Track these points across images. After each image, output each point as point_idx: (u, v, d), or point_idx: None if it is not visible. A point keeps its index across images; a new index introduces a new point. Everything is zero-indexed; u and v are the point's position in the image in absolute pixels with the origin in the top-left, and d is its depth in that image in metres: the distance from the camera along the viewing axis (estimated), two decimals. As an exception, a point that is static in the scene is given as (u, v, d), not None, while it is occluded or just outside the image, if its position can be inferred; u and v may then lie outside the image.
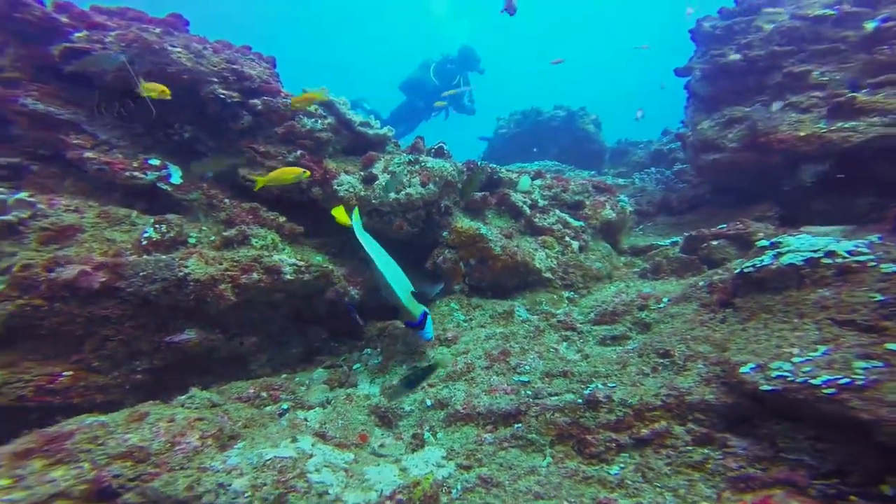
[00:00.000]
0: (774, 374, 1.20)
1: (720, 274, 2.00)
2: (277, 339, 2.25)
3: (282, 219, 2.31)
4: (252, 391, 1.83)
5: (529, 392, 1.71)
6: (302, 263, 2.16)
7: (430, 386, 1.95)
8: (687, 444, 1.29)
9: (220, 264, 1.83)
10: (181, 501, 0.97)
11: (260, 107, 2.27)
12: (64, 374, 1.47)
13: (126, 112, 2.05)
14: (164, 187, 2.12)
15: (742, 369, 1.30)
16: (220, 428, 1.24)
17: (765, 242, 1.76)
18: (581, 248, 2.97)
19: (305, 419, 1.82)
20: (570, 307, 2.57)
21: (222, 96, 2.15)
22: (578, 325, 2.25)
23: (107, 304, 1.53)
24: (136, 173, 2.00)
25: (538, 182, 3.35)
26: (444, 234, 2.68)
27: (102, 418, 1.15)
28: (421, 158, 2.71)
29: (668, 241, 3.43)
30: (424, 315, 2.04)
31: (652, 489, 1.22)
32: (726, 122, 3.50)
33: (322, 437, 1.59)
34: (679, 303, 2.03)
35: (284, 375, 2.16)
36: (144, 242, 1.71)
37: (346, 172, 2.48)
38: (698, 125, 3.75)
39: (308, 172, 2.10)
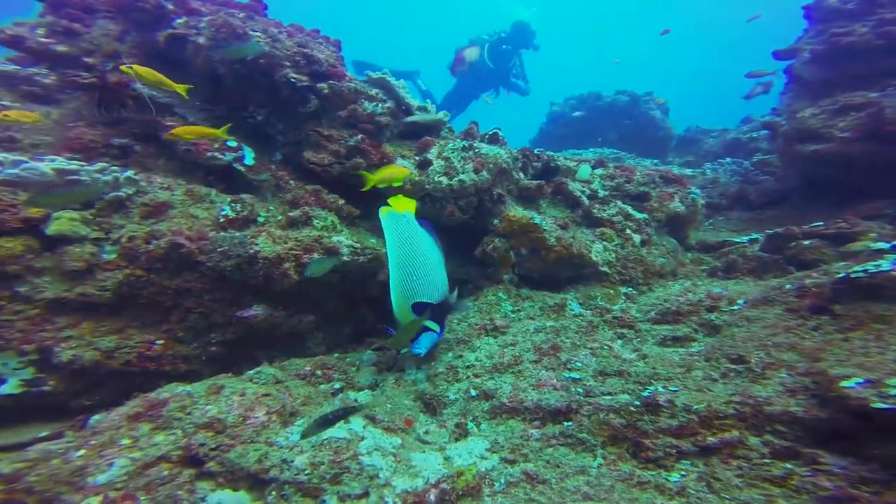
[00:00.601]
0: (894, 391, 1.09)
1: (814, 277, 1.79)
2: (331, 319, 2.40)
3: (341, 201, 2.41)
4: (308, 369, 1.98)
5: (580, 390, 1.67)
6: (358, 245, 2.26)
7: (476, 376, 1.98)
8: (764, 457, 1.19)
9: (286, 243, 1.97)
10: (252, 473, 1.09)
11: (326, 90, 2.35)
12: (157, 342, 1.69)
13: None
14: (239, 168, 2.30)
15: (845, 383, 1.17)
16: (282, 405, 1.36)
17: (883, 245, 1.55)
18: (643, 242, 2.80)
19: (356, 399, 1.94)
20: (627, 304, 2.45)
21: (293, 80, 2.25)
22: (637, 323, 2.15)
23: (190, 277, 1.73)
24: (216, 154, 2.19)
25: (599, 171, 3.18)
26: (495, 221, 2.65)
27: (188, 388, 1.32)
28: (475, 144, 2.68)
29: (745, 237, 3.13)
30: (420, 331, 1.83)
31: (719, 500, 1.14)
32: (839, 108, 3.04)
33: (372, 419, 1.69)
34: (758, 306, 1.86)
35: (336, 355, 2.30)
36: (222, 220, 1.88)
37: (403, 157, 2.52)
38: (798, 113, 3.30)
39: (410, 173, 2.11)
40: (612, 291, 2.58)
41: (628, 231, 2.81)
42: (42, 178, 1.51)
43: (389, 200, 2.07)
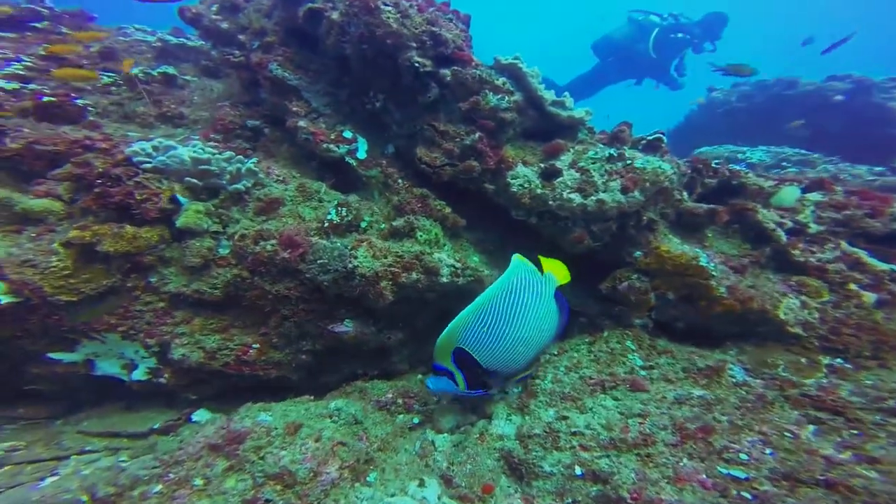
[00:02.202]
0: None
1: None
2: (420, 336, 2.29)
3: (447, 209, 2.20)
4: (390, 396, 1.89)
5: (749, 496, 1.24)
6: (459, 265, 2.05)
7: (583, 448, 1.64)
8: None
9: (385, 258, 1.86)
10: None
11: (449, 78, 2.10)
12: (253, 346, 1.76)
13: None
14: (351, 161, 2.25)
15: None
16: (357, 457, 1.28)
17: None
18: (881, 303, 2.01)
19: (434, 444, 1.79)
20: (833, 380, 1.80)
21: (417, 64, 2.05)
22: (852, 410, 1.58)
23: (290, 285, 1.75)
24: (331, 145, 2.16)
25: (815, 196, 2.33)
26: (637, 254, 2.14)
27: (268, 418, 1.32)
28: (626, 153, 2.14)
29: None
30: (446, 373, 1.62)
31: None
32: None
33: (448, 481, 1.52)
34: None
35: (420, 376, 2.21)
36: (326, 225, 1.85)
37: (525, 163, 2.15)
38: None
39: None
40: (803, 360, 1.92)
41: (853, 286, 2.05)
42: (182, 167, 1.65)
43: (542, 259, 1.80)
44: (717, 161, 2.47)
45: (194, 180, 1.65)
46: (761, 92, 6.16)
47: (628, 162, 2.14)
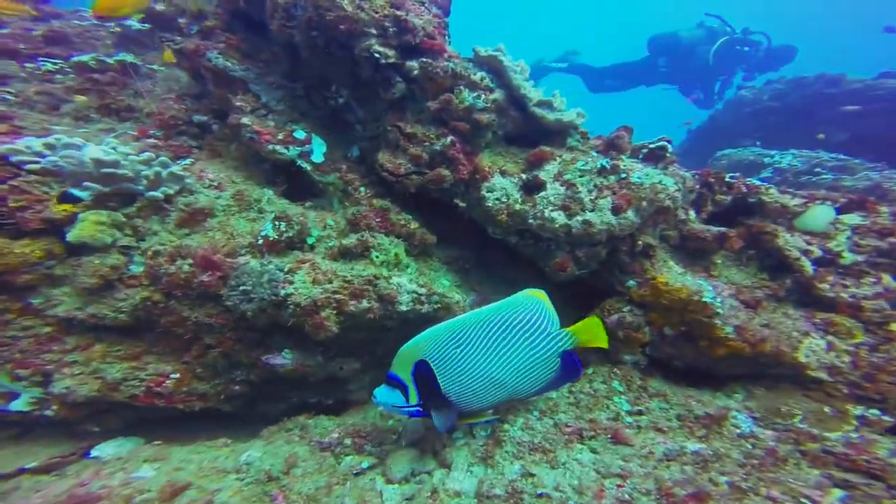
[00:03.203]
0: None
1: None
2: (382, 362, 2.08)
3: (413, 225, 1.96)
4: (336, 436, 1.65)
5: None
6: (423, 291, 1.81)
7: None
8: None
9: (329, 282, 1.63)
10: None
11: (416, 72, 1.85)
12: (172, 375, 1.53)
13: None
14: (304, 165, 2.02)
15: None
16: None
17: None
18: None
19: (382, 497, 1.59)
20: (865, 434, 1.57)
21: (377, 55, 1.82)
22: (891, 473, 1.35)
23: (212, 312, 1.52)
24: (278, 147, 1.92)
25: (853, 219, 2.07)
26: (631, 283, 1.90)
27: (149, 473, 1.10)
28: (622, 165, 1.88)
29: None
30: (397, 384, 1.46)
31: None
32: None
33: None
34: None
35: (381, 408, 1.99)
36: (260, 242, 1.61)
37: (503, 173, 1.90)
38: None
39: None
40: (826, 409, 1.69)
41: (894, 326, 1.81)
42: (79, 169, 1.43)
43: (587, 322, 1.56)
44: (733, 175, 2.21)
45: (96, 185, 1.43)
46: (797, 90, 5.84)
47: (623, 176, 1.89)
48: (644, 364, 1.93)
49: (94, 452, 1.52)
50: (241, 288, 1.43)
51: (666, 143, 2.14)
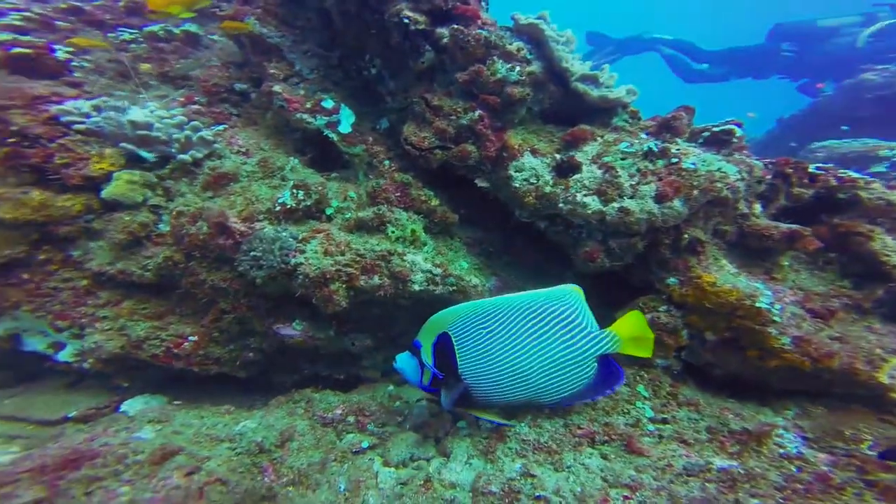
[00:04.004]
0: None
1: None
2: (397, 341, 2.08)
3: (434, 202, 1.91)
4: (340, 412, 1.67)
5: None
6: (438, 272, 1.77)
7: None
8: None
9: (342, 255, 1.64)
10: None
11: (446, 39, 1.77)
12: (190, 338, 1.61)
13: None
14: (331, 135, 2.04)
15: None
16: (237, 502, 1.10)
17: None
18: None
19: (376, 478, 1.59)
20: None
21: (406, 21, 1.76)
22: None
23: (226, 276, 1.59)
24: (305, 115, 1.94)
25: None
26: (672, 281, 1.72)
27: (148, 435, 1.18)
28: (673, 149, 1.69)
29: None
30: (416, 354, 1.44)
31: None
32: None
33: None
34: None
35: (391, 387, 2.00)
36: (278, 208, 1.66)
37: (534, 152, 1.78)
38: None
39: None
40: None
41: None
42: (118, 130, 1.55)
43: (628, 316, 1.47)
44: (818, 165, 1.92)
45: (130, 146, 1.54)
46: None
47: (673, 160, 1.69)
48: (677, 369, 1.76)
49: (123, 407, 1.67)
50: (252, 254, 1.48)
51: (734, 127, 1.89)
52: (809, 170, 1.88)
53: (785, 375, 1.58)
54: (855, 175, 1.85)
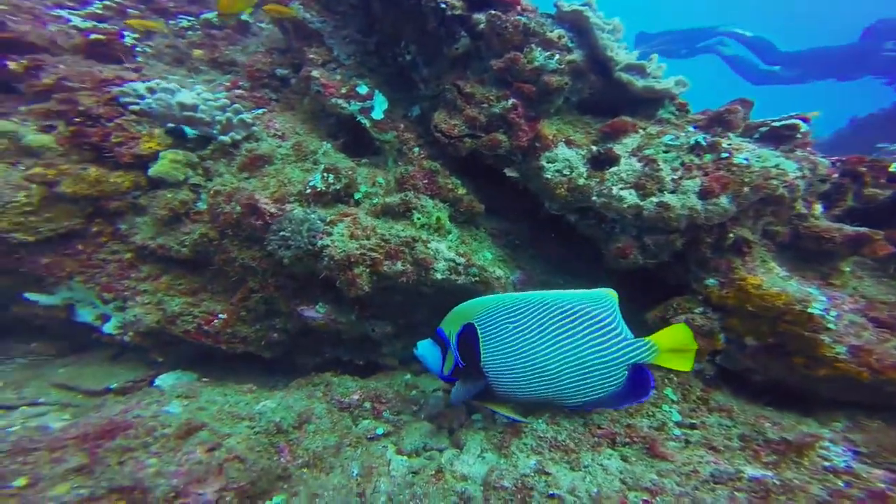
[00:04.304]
0: None
1: None
2: (417, 330, 2.10)
3: (461, 190, 1.89)
4: (357, 398, 1.71)
5: None
6: (461, 261, 1.76)
7: None
8: None
9: (367, 239, 1.67)
10: None
11: (483, 25, 1.74)
12: (220, 315, 1.69)
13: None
14: (364, 121, 2.06)
15: None
16: (256, 478, 1.14)
17: None
18: None
19: (388, 465, 1.60)
20: None
21: (443, 6, 1.75)
22: None
23: (256, 255, 1.65)
24: (340, 101, 1.98)
25: None
26: (710, 281, 1.62)
27: (176, 409, 1.25)
28: (724, 143, 1.58)
29: None
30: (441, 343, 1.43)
31: None
32: None
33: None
34: None
35: (409, 376, 2.02)
36: (308, 191, 1.70)
37: (569, 143, 1.72)
38: None
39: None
40: None
41: None
42: (167, 111, 1.64)
43: (671, 331, 1.40)
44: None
45: (179, 125, 1.63)
46: None
47: (723, 155, 1.58)
48: (710, 374, 1.67)
49: (157, 381, 1.79)
50: (282, 233, 1.53)
51: (798, 122, 1.74)
52: (891, 169, 1.71)
53: (837, 385, 1.46)
54: None
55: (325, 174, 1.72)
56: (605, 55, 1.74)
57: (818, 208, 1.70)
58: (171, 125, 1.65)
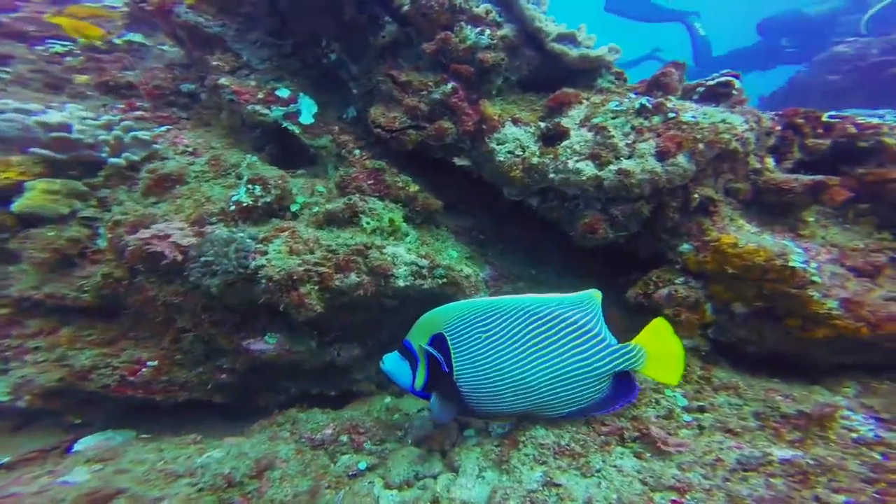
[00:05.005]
0: None
1: None
2: (389, 349, 1.92)
3: (413, 187, 1.76)
4: (330, 432, 1.51)
5: None
6: (424, 263, 1.61)
7: None
8: None
9: (311, 253, 1.48)
10: None
11: (407, 7, 1.64)
12: (149, 363, 1.44)
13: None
14: (291, 127, 1.88)
15: None
16: None
17: None
18: None
19: (379, 502, 1.43)
20: None
21: (360, -8, 1.64)
22: None
23: (179, 290, 1.41)
24: (258, 107, 1.78)
25: None
26: (685, 247, 1.59)
27: (82, 477, 0.99)
28: (668, 104, 1.58)
29: None
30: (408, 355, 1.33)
31: None
32: None
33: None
34: None
35: (388, 399, 1.83)
36: (233, 208, 1.49)
37: (516, 122, 1.65)
38: None
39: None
40: None
41: None
42: (24, 134, 1.36)
43: (653, 326, 1.30)
44: (832, 114, 1.83)
45: (45, 151, 1.37)
46: None
47: (671, 115, 1.57)
48: (706, 350, 1.62)
49: (77, 446, 1.47)
50: (203, 259, 1.31)
51: (731, 78, 1.79)
52: (823, 118, 1.78)
53: (835, 347, 1.42)
54: (876, 120, 1.75)
55: (250, 186, 1.52)
56: (535, 27, 1.70)
57: (770, 162, 1.74)
58: (42, 151, 1.37)
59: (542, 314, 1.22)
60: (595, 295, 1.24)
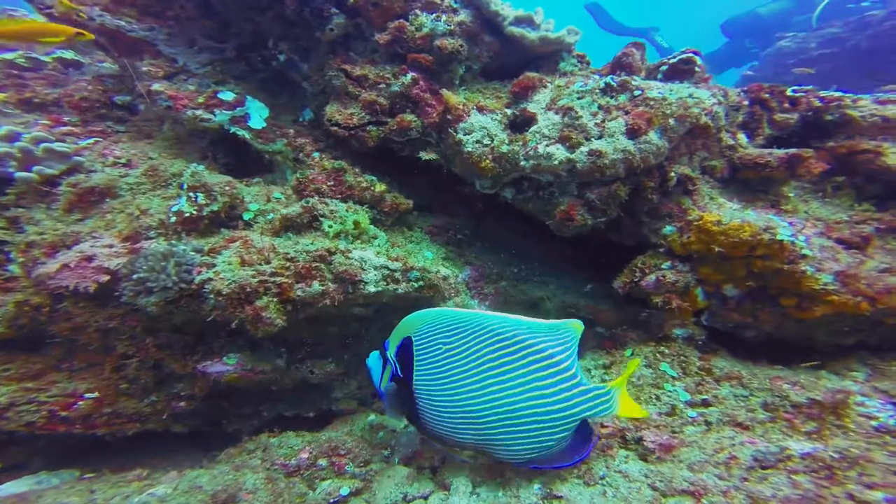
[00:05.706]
0: None
1: None
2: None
3: (379, 187, 1.67)
4: (306, 457, 1.39)
5: None
6: (396, 266, 1.51)
7: None
8: None
9: (266, 262, 1.36)
10: None
11: (355, -3, 1.59)
12: (88, 395, 1.28)
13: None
14: (240, 133, 1.77)
15: None
16: None
17: None
18: None
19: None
20: None
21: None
22: None
23: (115, 312, 1.26)
24: (199, 112, 1.67)
25: None
26: (668, 229, 1.55)
27: None
28: (633, 82, 1.56)
29: None
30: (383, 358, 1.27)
31: None
32: None
33: None
34: None
35: (373, 416, 1.70)
36: (173, 220, 1.36)
37: (482, 110, 1.59)
38: None
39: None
40: None
41: None
42: None
43: (630, 366, 1.16)
44: (796, 88, 1.86)
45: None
46: (859, 33, 5.34)
47: (636, 93, 1.56)
48: (702, 338, 1.57)
49: None
50: (137, 276, 1.17)
51: (692, 55, 1.80)
52: (788, 93, 1.81)
53: (836, 328, 1.39)
54: (838, 93, 1.80)
55: (191, 195, 1.39)
56: (491, 10, 1.66)
57: (743, 138, 1.75)
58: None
59: (506, 336, 1.07)
60: (574, 325, 1.08)
